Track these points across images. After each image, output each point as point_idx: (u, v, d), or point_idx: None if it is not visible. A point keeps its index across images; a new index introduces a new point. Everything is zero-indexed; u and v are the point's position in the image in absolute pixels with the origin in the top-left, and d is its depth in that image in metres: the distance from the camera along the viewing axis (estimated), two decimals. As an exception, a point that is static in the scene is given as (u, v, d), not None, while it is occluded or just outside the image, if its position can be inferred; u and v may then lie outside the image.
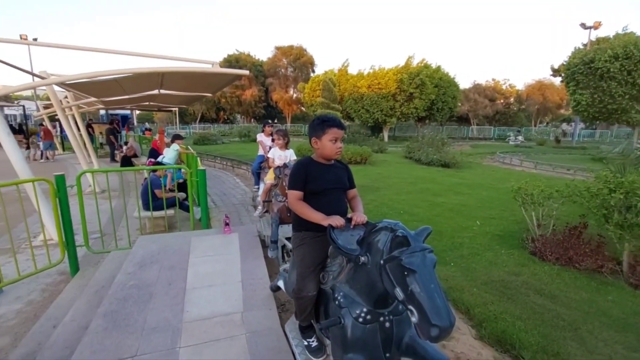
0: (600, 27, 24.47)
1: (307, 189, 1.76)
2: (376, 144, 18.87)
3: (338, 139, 1.76)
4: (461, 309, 3.08)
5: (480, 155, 18.26)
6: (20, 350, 2.45)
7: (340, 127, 1.77)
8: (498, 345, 2.63)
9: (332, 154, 1.79)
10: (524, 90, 39.60)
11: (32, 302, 3.27)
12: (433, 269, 1.18)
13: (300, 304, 1.76)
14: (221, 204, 6.43)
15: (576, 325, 2.79)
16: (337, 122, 1.78)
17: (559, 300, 3.17)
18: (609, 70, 15.85)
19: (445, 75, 26.97)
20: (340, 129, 1.78)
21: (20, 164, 4.17)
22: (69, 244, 3.62)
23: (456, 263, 3.91)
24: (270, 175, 4.05)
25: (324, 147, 1.79)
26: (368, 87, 26.31)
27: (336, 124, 1.76)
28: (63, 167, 10.94)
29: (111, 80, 5.22)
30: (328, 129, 1.74)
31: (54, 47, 5.39)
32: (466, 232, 4.92)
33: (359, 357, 1.39)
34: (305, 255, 1.76)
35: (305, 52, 40.94)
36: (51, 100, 6.65)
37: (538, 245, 4.14)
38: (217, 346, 2.09)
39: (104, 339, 2.14)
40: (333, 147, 1.77)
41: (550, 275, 3.65)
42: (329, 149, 1.78)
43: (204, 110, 41.19)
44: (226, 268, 3.17)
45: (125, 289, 2.74)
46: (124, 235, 4.37)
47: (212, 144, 21.49)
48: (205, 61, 5.70)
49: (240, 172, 10.76)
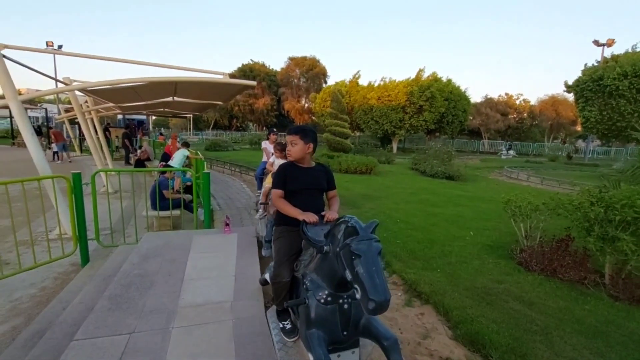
0: (613, 44, 24.31)
1: (286, 188, 2.01)
2: (384, 155, 19.06)
3: (289, 142, 2.06)
4: (440, 311, 3.25)
5: (488, 169, 18.22)
6: (33, 327, 2.73)
7: (288, 133, 2.09)
8: (471, 345, 2.79)
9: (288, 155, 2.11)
10: (536, 105, 39.29)
11: (45, 288, 3.58)
12: (377, 255, 1.40)
13: (276, 288, 2.00)
14: (225, 207, 6.73)
15: (548, 330, 2.93)
16: (288, 129, 2.11)
17: (536, 307, 3.30)
18: (617, 88, 15.81)
19: (456, 88, 27.09)
20: (289, 134, 2.09)
21: (42, 163, 4.55)
22: (81, 237, 3.95)
23: (443, 269, 4.07)
24: (269, 179, 4.32)
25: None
26: (378, 99, 26.65)
27: (290, 132, 2.08)
28: (79, 168, 11.44)
29: (128, 87, 5.64)
30: (287, 136, 2.03)
31: (78, 57, 5.86)
32: (458, 242, 5.06)
33: (319, 332, 1.61)
34: (282, 246, 2.01)
35: (318, 63, 41.71)
36: (72, 105, 7.11)
37: (525, 255, 4.27)
38: (206, 328, 2.34)
39: (107, 318, 2.41)
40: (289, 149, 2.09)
41: (532, 284, 3.78)
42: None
43: (218, 117, 42.20)
44: (222, 264, 3.42)
45: (130, 277, 3.02)
46: (131, 232, 4.69)
47: (223, 151, 22.03)
48: (216, 72, 6.09)
49: (247, 178, 11.10)
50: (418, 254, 4.54)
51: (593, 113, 17.35)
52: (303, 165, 2.09)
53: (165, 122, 42.53)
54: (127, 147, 13.28)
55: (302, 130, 2.08)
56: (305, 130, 2.10)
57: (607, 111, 16.76)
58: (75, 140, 15.85)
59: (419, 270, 4.03)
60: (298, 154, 2.06)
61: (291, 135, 2.06)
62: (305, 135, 2.06)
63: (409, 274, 3.87)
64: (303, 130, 2.07)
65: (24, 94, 5.35)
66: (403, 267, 4.07)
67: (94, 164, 12.42)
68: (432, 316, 3.23)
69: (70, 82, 6.66)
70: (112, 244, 4.29)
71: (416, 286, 3.64)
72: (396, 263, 4.19)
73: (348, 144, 18.41)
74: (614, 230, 3.52)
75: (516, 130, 38.90)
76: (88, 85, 4.69)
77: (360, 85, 29.54)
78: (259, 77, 40.46)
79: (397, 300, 3.54)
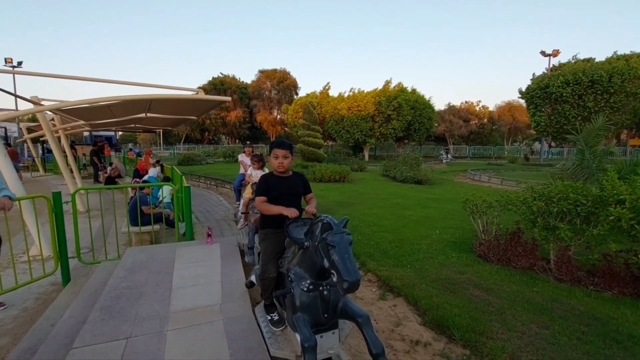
0: (558, 54, 26.74)
1: (269, 195, 2.30)
2: (356, 163, 19.67)
3: (279, 156, 2.32)
4: (411, 302, 3.62)
5: (453, 172, 19.28)
6: (23, 345, 2.80)
7: (279, 147, 2.33)
8: (437, 329, 3.16)
9: (275, 167, 2.38)
10: (495, 111, 42.00)
11: (27, 308, 3.59)
12: (348, 245, 1.72)
13: (264, 284, 2.27)
14: (204, 219, 6.84)
15: (502, 310, 3.36)
16: (277, 143, 2.36)
17: (492, 292, 3.75)
18: (562, 95, 17.46)
19: (421, 97, 28.53)
20: (280, 149, 2.32)
21: (17, 184, 4.53)
22: (62, 255, 3.98)
23: (412, 265, 4.47)
24: (249, 190, 4.57)
25: (271, 163, 2.40)
26: (348, 109, 27.51)
27: (276, 145, 2.35)
28: (46, 188, 11.05)
29: (103, 106, 5.69)
30: (272, 149, 2.34)
31: (43, 76, 5.79)
32: (425, 240, 5.51)
33: (304, 316, 1.90)
34: (268, 246, 2.29)
35: (288, 75, 42.37)
36: (41, 124, 7.00)
37: (483, 248, 4.76)
38: (198, 328, 2.54)
39: (102, 327, 2.55)
40: (275, 162, 2.35)
41: (490, 273, 4.25)
42: (273, 164, 2.38)
43: (189, 131, 41.53)
44: (208, 272, 3.61)
45: (118, 289, 3.15)
46: (111, 249, 4.74)
47: (197, 164, 21.79)
48: (190, 89, 6.29)
49: (223, 190, 11.18)
50: (390, 253, 4.92)
51: (543, 118, 18.97)
52: (283, 175, 2.39)
53: (133, 137, 41.22)
54: (96, 165, 12.93)
55: (290, 145, 2.38)
56: (292, 145, 2.42)
57: (555, 116, 18.40)
58: (38, 160, 15.16)
59: (391, 267, 4.40)
60: (289, 165, 2.38)
61: (284, 150, 2.31)
62: (292, 149, 2.39)
63: (382, 271, 4.22)
64: (290, 145, 2.38)
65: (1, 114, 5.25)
66: (377, 266, 4.42)
67: (59, 183, 12.02)
68: (403, 307, 3.59)
69: (38, 100, 6.58)
70: (94, 260, 4.33)
71: (389, 281, 4.00)
72: (370, 262, 4.54)
73: (321, 154, 18.86)
74: (554, 220, 4.07)
75: (478, 135, 41.28)
76: (65, 105, 4.75)
77: (330, 96, 30.38)
78: (230, 90, 40.44)
79: (372, 295, 3.87)
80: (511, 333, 2.99)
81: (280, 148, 2.33)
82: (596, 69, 18.81)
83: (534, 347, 2.78)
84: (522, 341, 2.86)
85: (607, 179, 3.91)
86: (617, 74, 18.94)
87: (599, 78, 18.44)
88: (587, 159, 5.40)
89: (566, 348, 2.76)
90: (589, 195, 3.88)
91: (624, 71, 19.05)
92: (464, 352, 2.81)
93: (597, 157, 5.38)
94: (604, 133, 5.66)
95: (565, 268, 4.13)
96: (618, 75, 18.94)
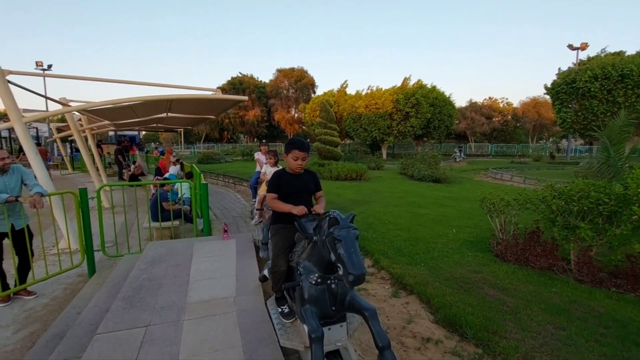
0: (587, 48, 25.53)
1: (280, 192, 2.37)
2: (373, 161, 19.56)
3: (299, 157, 2.36)
4: (423, 300, 3.60)
5: (474, 171, 18.83)
6: (52, 330, 2.99)
7: (300, 149, 2.36)
8: (449, 327, 3.15)
9: (293, 168, 2.41)
10: (519, 107, 40.59)
11: (56, 297, 3.82)
12: (355, 239, 1.75)
13: (274, 277, 2.35)
14: (222, 216, 7.02)
15: (517, 310, 3.30)
16: (298, 145, 2.37)
17: (508, 292, 3.68)
18: (589, 90, 16.68)
19: (441, 94, 27.94)
20: (301, 151, 2.36)
21: (47, 180, 4.81)
22: (88, 248, 4.20)
23: (426, 263, 4.44)
24: (263, 187, 4.66)
25: (288, 162, 2.43)
26: (365, 107, 27.32)
27: (297, 147, 2.36)
28: (73, 185, 11.61)
29: (127, 106, 5.95)
30: (292, 150, 2.36)
31: (70, 79, 6.12)
32: (441, 239, 5.45)
33: (312, 308, 1.95)
34: (278, 240, 2.36)
35: (306, 74, 42.49)
36: (69, 124, 7.37)
37: (501, 248, 4.67)
38: (213, 319, 2.64)
39: (124, 315, 2.69)
40: (294, 163, 2.38)
41: (506, 273, 4.16)
42: (291, 164, 2.41)
43: (208, 130, 42.44)
44: (223, 266, 3.73)
45: (139, 281, 3.31)
46: (133, 243, 4.95)
47: (216, 163, 22.28)
48: (209, 88, 6.45)
49: (241, 188, 11.39)
50: (404, 251, 4.91)
51: (569, 114, 18.20)
52: (295, 172, 2.45)
53: (155, 137, 42.56)
54: (120, 163, 13.46)
55: (309, 147, 2.45)
56: (310, 146, 2.48)
57: (582, 112, 17.62)
58: (67, 158, 15.95)
59: (404, 265, 4.39)
60: (305, 165, 2.45)
61: (304, 152, 2.36)
62: (310, 151, 2.45)
63: (396, 269, 4.22)
64: (309, 147, 2.44)
65: (30, 115, 5.59)
66: (390, 263, 4.42)
67: (87, 180, 12.61)
68: (416, 304, 3.58)
69: (66, 102, 6.94)
70: (117, 254, 4.55)
71: (402, 279, 4.00)
72: (384, 260, 4.54)
73: (338, 152, 18.86)
74: (575, 219, 3.95)
75: (501, 132, 40.03)
76: (91, 106, 5.00)
77: (348, 94, 30.27)
78: (249, 90, 41.01)
79: (384, 292, 3.88)
80: (525, 333, 2.94)
81: (301, 150, 2.36)
82: (626, 63, 17.81)
83: (549, 347, 2.72)
84: (537, 341, 2.80)
85: (632, 177, 3.75)
86: (649, 68, 17.85)
87: (629, 72, 17.46)
88: (612, 156, 5.18)
89: (582, 349, 2.69)
90: (611, 193, 3.74)
91: (657, 64, 17.93)
92: (476, 350, 2.79)
93: (622, 155, 5.14)
94: (628, 129, 5.40)
95: (586, 269, 4.00)
96: (650, 69, 17.84)
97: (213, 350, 2.27)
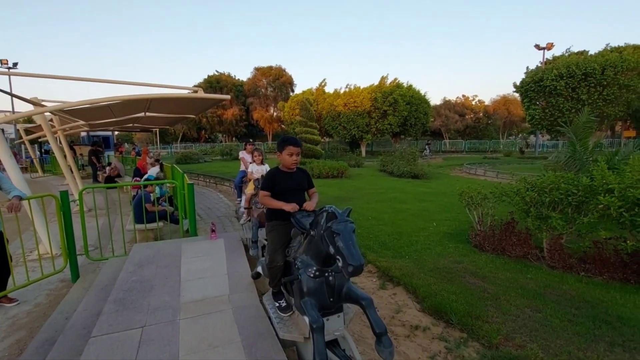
0: (552, 47, 26.87)
1: (274, 190, 2.43)
2: (353, 158, 19.81)
3: (294, 153, 2.44)
4: (410, 290, 3.77)
5: (449, 167, 19.47)
6: (40, 336, 2.92)
7: (295, 145, 2.45)
8: (435, 314, 3.32)
9: (289, 164, 2.48)
10: (490, 105, 42.21)
11: (40, 304, 3.70)
12: (352, 233, 1.85)
13: (272, 272, 2.41)
14: (206, 216, 6.96)
15: (497, 296, 3.52)
16: (292, 141, 2.46)
17: (488, 279, 3.91)
18: (555, 88, 17.67)
19: (417, 93, 28.65)
20: (295, 147, 2.45)
21: (23, 184, 4.62)
22: (70, 253, 4.09)
23: (410, 256, 4.62)
24: (251, 186, 4.69)
25: (283, 160, 2.48)
26: (344, 105, 27.59)
27: (291, 143, 2.44)
28: (46, 188, 11.10)
29: (104, 105, 5.77)
30: (286, 146, 2.43)
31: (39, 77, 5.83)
32: (423, 232, 5.67)
33: (311, 300, 2.04)
34: (275, 237, 2.43)
35: (284, 72, 42.29)
36: (42, 125, 7.06)
37: (479, 239, 4.92)
38: (209, 317, 2.67)
39: (118, 317, 2.67)
40: (290, 159, 2.46)
41: (485, 262, 4.41)
42: (286, 161, 2.47)
43: (185, 130, 41.44)
44: (214, 265, 3.74)
45: (129, 283, 3.27)
46: (116, 246, 4.85)
47: (195, 163, 21.84)
48: (188, 87, 6.36)
49: (223, 188, 11.28)
50: (389, 245, 5.08)
51: (537, 111, 19.18)
52: (288, 170, 2.52)
53: (129, 137, 41.07)
54: (94, 165, 12.96)
55: (301, 144, 2.53)
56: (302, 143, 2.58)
57: (549, 109, 18.63)
58: (36, 161, 15.16)
59: (390, 258, 4.55)
60: (299, 162, 2.53)
61: (299, 148, 2.47)
62: (302, 147, 2.53)
63: (382, 262, 4.37)
64: (301, 144, 2.52)
65: (2, 117, 5.32)
66: (376, 257, 4.57)
67: (59, 183, 12.06)
68: (403, 295, 3.74)
69: (38, 102, 6.63)
70: (101, 257, 4.44)
71: (388, 272, 4.15)
72: (370, 254, 4.69)
73: (319, 150, 18.99)
74: (546, 210, 4.23)
75: (473, 129, 41.50)
76: (67, 106, 4.82)
77: (326, 92, 30.42)
78: (226, 88, 40.35)
79: (372, 285, 4.02)
80: (506, 317, 3.15)
81: (296, 146, 2.45)
82: (589, 62, 19.02)
83: (527, 329, 2.94)
84: (516, 324, 3.02)
85: (597, 169, 4.06)
86: (610, 67, 19.16)
87: (592, 71, 18.67)
88: (578, 150, 5.56)
89: (558, 329, 2.92)
90: (579, 185, 4.04)
91: (617, 63, 19.27)
92: (461, 335, 2.97)
93: (587, 149, 5.54)
94: (591, 125, 5.82)
95: (558, 255, 4.30)
96: (611, 67, 19.16)
97: (212, 347, 2.32)
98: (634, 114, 25.55)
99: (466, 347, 2.79)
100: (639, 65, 19.46)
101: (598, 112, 18.59)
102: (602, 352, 2.61)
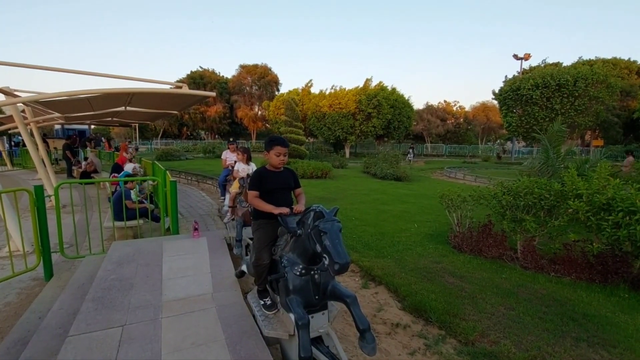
0: (530, 58, 28.01)
1: (262, 189, 2.44)
2: (337, 159, 19.93)
3: (282, 153, 2.47)
4: (391, 289, 3.86)
5: (431, 170, 19.93)
6: (11, 337, 2.80)
7: (283, 145, 2.48)
8: (416, 313, 3.42)
9: (277, 164, 2.51)
10: (470, 111, 43.47)
11: (10, 303, 3.55)
12: (339, 231, 1.90)
13: (258, 270, 2.42)
14: (188, 215, 6.84)
15: (474, 295, 3.66)
16: (280, 141, 2.50)
17: (465, 279, 4.06)
18: (531, 97, 18.46)
19: (400, 96, 29.08)
20: (283, 147, 2.49)
21: (-7, 177, 4.41)
22: (44, 250, 3.94)
23: (392, 256, 4.72)
24: (235, 185, 4.66)
25: (271, 159, 2.51)
26: (329, 107, 27.71)
27: (279, 143, 2.48)
28: (16, 183, 10.59)
29: (83, 98, 5.58)
30: (274, 146, 2.46)
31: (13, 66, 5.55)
32: (404, 233, 5.80)
33: (297, 298, 2.07)
34: (261, 235, 2.44)
35: (270, 71, 42.00)
36: (13, 116, 6.75)
37: (458, 240, 5.09)
38: (192, 315, 2.65)
39: (96, 316, 2.61)
40: (277, 159, 2.49)
41: (463, 262, 4.56)
42: (274, 160, 2.50)
43: (167, 126, 40.44)
44: (197, 263, 3.70)
45: (108, 281, 3.19)
46: (93, 244, 4.70)
47: (176, 160, 21.38)
48: (170, 82, 6.24)
49: (205, 186, 11.10)
50: (371, 245, 5.17)
51: (514, 118, 19.95)
52: (276, 170, 2.54)
53: (106, 131, 39.67)
54: (69, 159, 12.48)
55: (288, 144, 2.55)
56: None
57: (525, 117, 19.41)
58: (5, 154, 14.41)
59: (372, 258, 4.63)
60: (286, 161, 2.55)
61: (286, 148, 2.51)
62: (289, 147, 2.53)
63: (364, 262, 4.45)
64: (288, 144, 2.54)
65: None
66: (359, 257, 4.64)
67: (30, 178, 11.53)
68: (384, 294, 3.82)
69: (11, 91, 6.34)
70: (77, 255, 4.30)
71: (371, 271, 4.23)
72: (353, 254, 4.76)
73: (303, 150, 18.96)
74: (521, 213, 4.43)
75: (454, 134, 42.58)
76: (43, 97, 4.64)
77: (312, 93, 30.47)
78: (210, 85, 39.70)
79: (355, 284, 4.09)
80: (481, 314, 3.29)
81: (283, 146, 2.48)
82: (563, 74, 19.99)
83: (502, 325, 3.08)
84: (491, 321, 3.15)
85: (568, 176, 4.29)
86: (582, 79, 20.19)
87: (565, 82, 19.63)
88: (551, 157, 5.84)
89: (529, 326, 3.07)
90: (551, 190, 4.25)
91: (588, 76, 20.33)
92: (440, 332, 3.08)
93: (559, 156, 5.83)
94: (563, 134, 6.14)
95: (530, 257, 4.51)
96: (582, 79, 20.19)
97: (196, 345, 2.31)
98: (602, 124, 26.96)
99: (444, 343, 2.89)
100: (607, 79, 20.61)
101: (570, 121, 19.56)
102: (569, 347, 2.78)
